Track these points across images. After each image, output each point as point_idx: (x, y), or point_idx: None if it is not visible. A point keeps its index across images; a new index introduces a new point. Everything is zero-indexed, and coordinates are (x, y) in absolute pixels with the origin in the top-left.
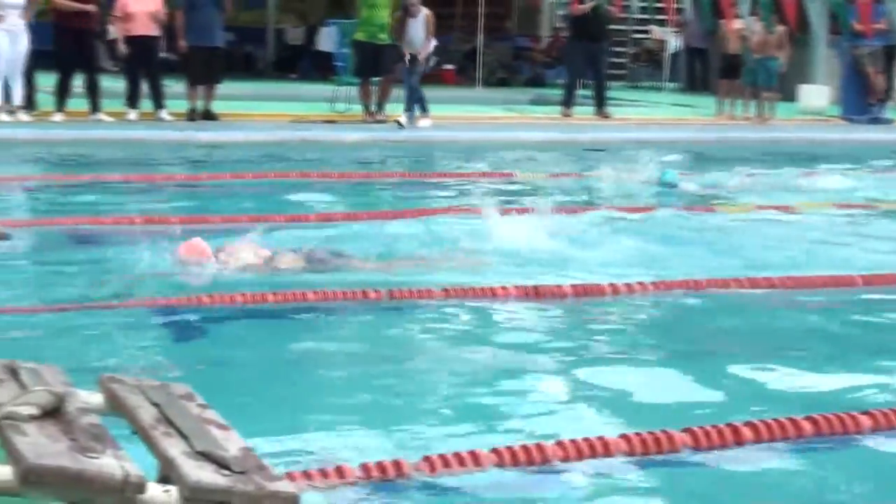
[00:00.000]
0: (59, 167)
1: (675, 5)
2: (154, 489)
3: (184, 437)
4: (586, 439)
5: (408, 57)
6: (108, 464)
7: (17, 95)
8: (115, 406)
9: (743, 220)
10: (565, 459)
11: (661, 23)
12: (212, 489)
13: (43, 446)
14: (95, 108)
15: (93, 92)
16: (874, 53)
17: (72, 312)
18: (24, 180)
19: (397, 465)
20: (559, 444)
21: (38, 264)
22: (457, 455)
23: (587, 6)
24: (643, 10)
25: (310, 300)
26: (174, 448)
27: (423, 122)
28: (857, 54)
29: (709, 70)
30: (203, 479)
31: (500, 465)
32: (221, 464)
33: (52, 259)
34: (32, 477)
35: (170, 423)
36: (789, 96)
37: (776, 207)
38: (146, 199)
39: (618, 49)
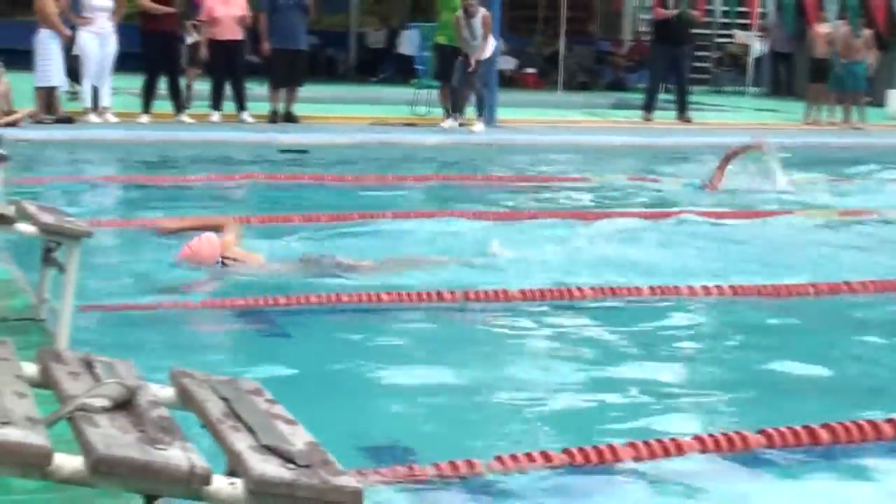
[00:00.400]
0: (144, 167)
1: (759, 9)
2: (220, 481)
3: (251, 431)
4: (659, 440)
5: (460, 58)
6: (176, 455)
7: (106, 97)
8: (185, 400)
9: (828, 226)
10: (637, 459)
11: (745, 27)
12: (276, 482)
13: (113, 437)
14: (179, 109)
15: (176, 94)
16: None
17: (154, 311)
18: (110, 180)
19: (469, 463)
20: (631, 444)
21: (121, 263)
22: (528, 454)
23: (671, 11)
24: (726, 14)
25: (384, 301)
26: (241, 442)
27: (477, 127)
28: None
29: (794, 74)
30: (268, 473)
31: (572, 464)
32: (287, 458)
33: (133, 258)
34: (102, 467)
35: (238, 417)
36: (878, 101)
37: (861, 212)
38: (223, 198)
39: (700, 53)
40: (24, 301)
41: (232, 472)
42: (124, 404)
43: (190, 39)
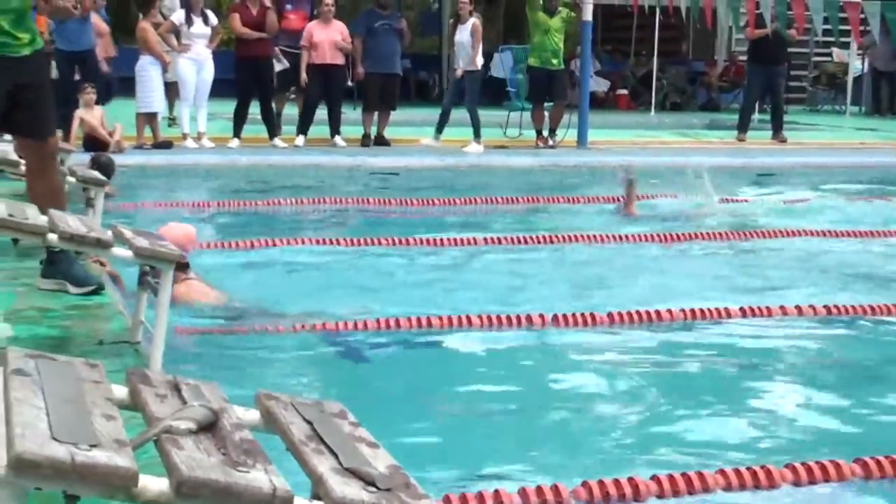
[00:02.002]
0: (237, 192)
1: (862, 27)
2: (302, 503)
3: (333, 453)
4: (750, 468)
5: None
6: (258, 478)
7: (202, 122)
8: (270, 422)
9: None
10: (727, 489)
11: (845, 45)
12: None
13: (196, 460)
14: (272, 134)
15: (268, 119)
16: None
17: (245, 335)
18: (205, 205)
19: (556, 489)
20: (721, 472)
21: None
22: (616, 482)
23: (766, 30)
24: (827, 32)
25: (465, 325)
26: (323, 465)
27: (471, 148)
28: None
29: None
30: (348, 495)
31: (661, 495)
32: (368, 481)
33: (227, 281)
34: (185, 489)
35: (321, 440)
36: None
37: None
38: (314, 222)
39: (796, 73)
40: (120, 324)
41: (315, 496)
42: (209, 427)
43: (279, 66)
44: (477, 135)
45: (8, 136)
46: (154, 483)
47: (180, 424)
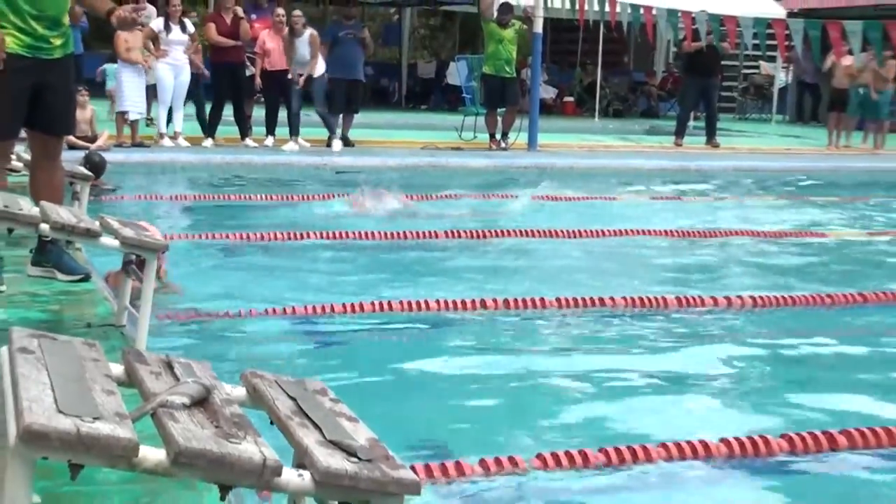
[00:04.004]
0: (212, 187)
1: (787, 42)
2: (289, 473)
3: (317, 427)
4: (689, 442)
5: (295, 77)
6: (249, 449)
7: (179, 122)
8: (255, 399)
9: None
10: (668, 460)
11: (771, 58)
12: (341, 474)
13: (191, 432)
14: (244, 135)
15: (241, 120)
16: None
17: (224, 319)
18: (182, 198)
19: (512, 460)
20: (663, 445)
21: (191, 274)
22: (567, 453)
23: (701, 43)
24: (756, 46)
25: (426, 309)
26: (308, 437)
27: (336, 146)
28: None
29: (819, 104)
30: (333, 466)
31: (608, 465)
32: (350, 452)
33: (204, 269)
34: (182, 459)
35: (305, 414)
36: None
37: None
38: (283, 215)
39: (728, 84)
40: (106, 309)
41: (299, 465)
42: (201, 402)
43: (248, 72)
44: (332, 134)
45: (22, 133)
46: (153, 453)
47: (175, 399)
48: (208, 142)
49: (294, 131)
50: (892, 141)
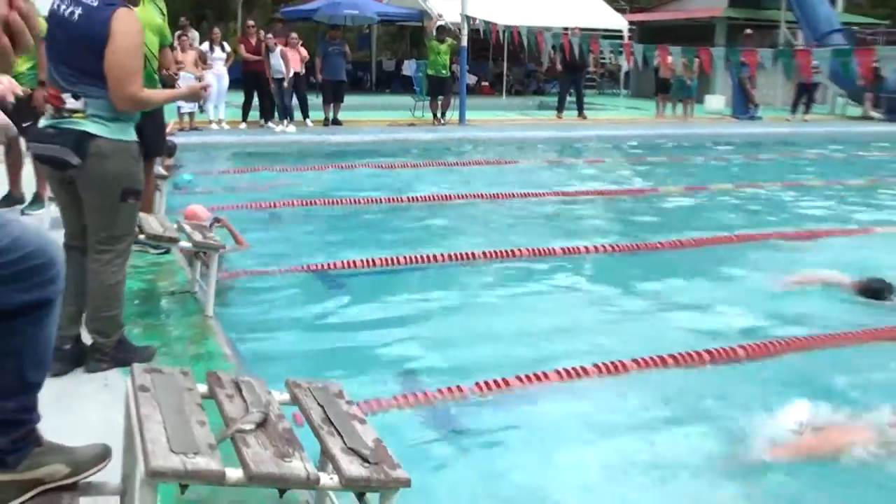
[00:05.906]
0: (246, 160)
1: (631, 49)
2: (324, 478)
3: (339, 434)
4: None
5: (276, 78)
6: (297, 466)
7: (222, 112)
8: (295, 401)
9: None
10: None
11: (620, 55)
12: (359, 478)
13: (259, 455)
14: (266, 120)
15: (264, 110)
16: (750, 77)
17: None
18: (225, 172)
19: (458, 388)
20: (596, 365)
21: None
22: (504, 380)
23: (575, 54)
24: (611, 49)
25: (422, 262)
26: (335, 446)
27: (289, 128)
28: (741, 76)
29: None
30: (353, 473)
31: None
32: (363, 457)
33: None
34: (254, 479)
35: (330, 422)
36: (699, 102)
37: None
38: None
39: (591, 70)
40: (182, 277)
41: (328, 458)
42: (263, 422)
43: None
44: (283, 117)
45: None
46: (234, 473)
47: (246, 427)
48: (243, 125)
49: (288, 115)
50: (699, 111)
